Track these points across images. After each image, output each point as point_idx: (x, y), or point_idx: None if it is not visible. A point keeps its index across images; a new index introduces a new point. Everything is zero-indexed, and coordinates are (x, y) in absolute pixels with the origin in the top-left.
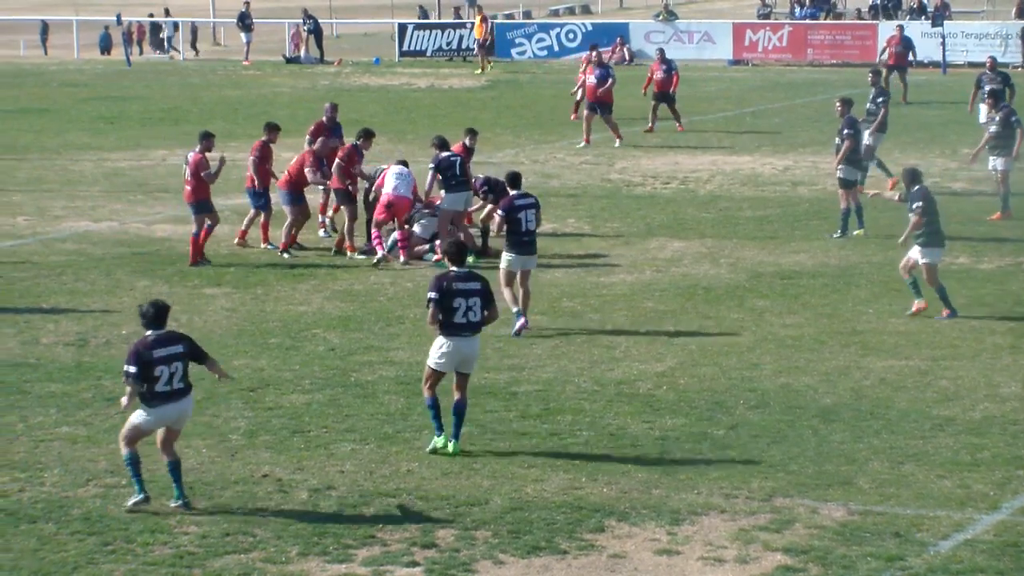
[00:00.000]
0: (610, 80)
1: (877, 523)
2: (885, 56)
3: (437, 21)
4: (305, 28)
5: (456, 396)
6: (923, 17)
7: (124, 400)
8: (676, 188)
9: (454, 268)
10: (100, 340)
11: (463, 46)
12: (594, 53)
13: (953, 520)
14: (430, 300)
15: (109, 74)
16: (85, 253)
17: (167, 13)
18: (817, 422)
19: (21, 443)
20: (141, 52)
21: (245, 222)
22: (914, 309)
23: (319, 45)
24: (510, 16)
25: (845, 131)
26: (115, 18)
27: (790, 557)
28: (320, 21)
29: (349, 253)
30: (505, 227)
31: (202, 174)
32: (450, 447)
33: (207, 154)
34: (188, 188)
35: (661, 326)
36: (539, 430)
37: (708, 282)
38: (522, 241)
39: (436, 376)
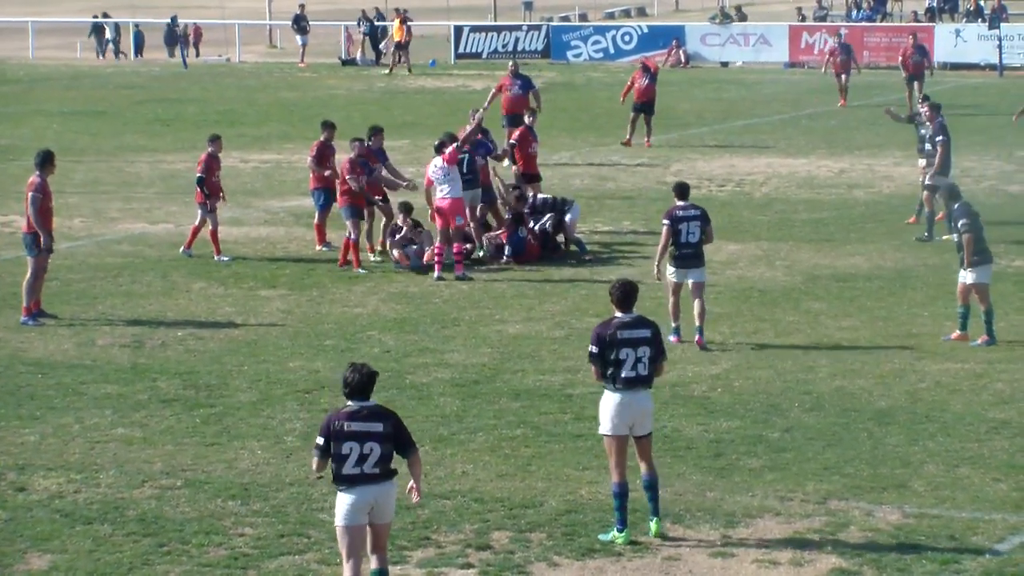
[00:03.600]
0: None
1: (932, 526)
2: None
3: (493, 23)
4: (361, 30)
5: (643, 469)
6: (979, 19)
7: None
8: (731, 191)
9: (619, 313)
10: (156, 342)
11: (519, 48)
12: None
13: (1009, 523)
14: (591, 356)
15: (165, 76)
16: (141, 255)
17: (105, 15)
18: (872, 425)
19: (77, 444)
20: (198, 54)
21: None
22: (953, 336)
23: (375, 47)
24: (565, 19)
25: (939, 138)
26: (170, 20)
27: (845, 560)
28: (376, 24)
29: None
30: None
31: (348, 178)
32: (652, 527)
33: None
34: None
35: (716, 328)
36: (594, 432)
37: (763, 284)
38: (682, 253)
39: (619, 445)
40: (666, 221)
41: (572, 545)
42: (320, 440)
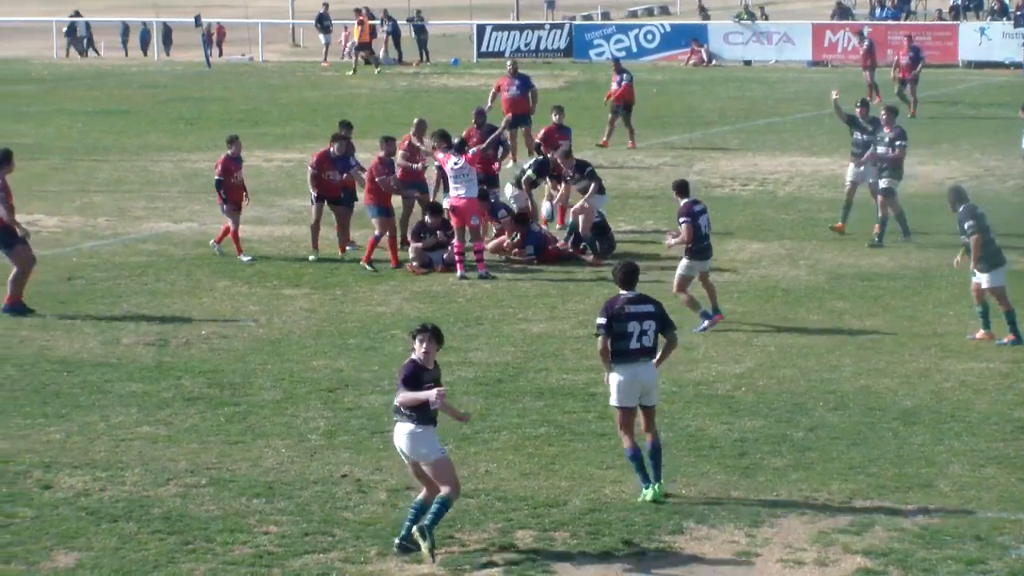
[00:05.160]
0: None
1: (958, 526)
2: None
3: (515, 22)
4: (384, 29)
5: (647, 438)
6: (1005, 18)
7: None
8: (755, 190)
9: (623, 291)
10: (180, 340)
11: (542, 47)
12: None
13: None
14: (599, 328)
15: (189, 75)
16: (165, 254)
17: (78, 14)
18: (897, 424)
19: (102, 442)
20: (221, 54)
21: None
22: (978, 336)
23: (397, 46)
24: (588, 17)
25: (900, 142)
26: (194, 20)
27: (870, 560)
28: (399, 23)
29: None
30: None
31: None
32: (653, 490)
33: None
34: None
35: (740, 328)
36: (617, 431)
37: (787, 284)
38: (703, 247)
39: (628, 416)
40: (687, 218)
41: (596, 544)
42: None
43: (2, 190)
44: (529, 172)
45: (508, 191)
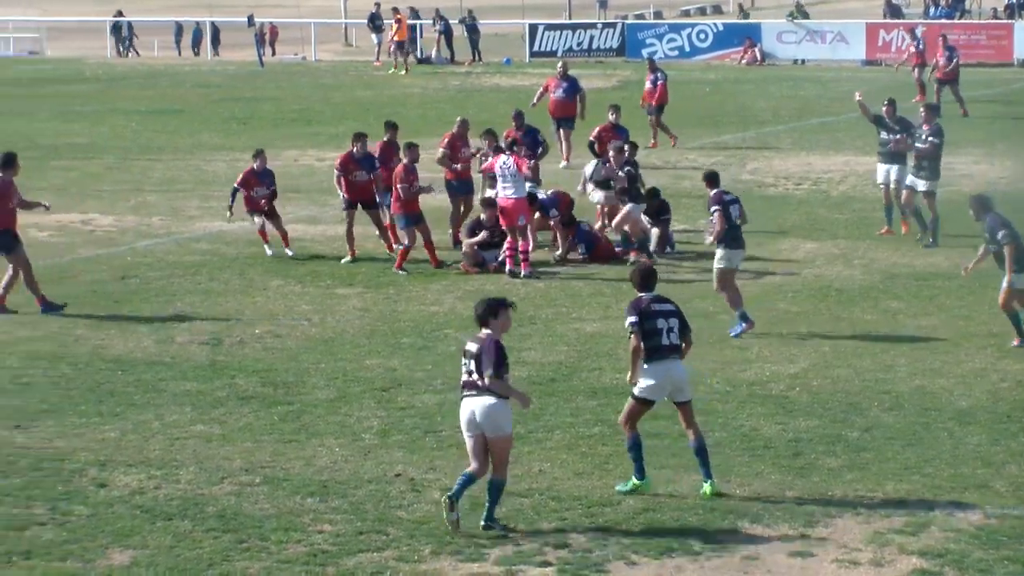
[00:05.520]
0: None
1: (1015, 527)
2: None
3: (568, 21)
4: (436, 29)
5: (690, 436)
6: None
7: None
8: (808, 189)
9: (643, 293)
10: (234, 339)
11: (594, 46)
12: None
13: None
14: (631, 325)
15: (242, 75)
16: (218, 253)
17: (120, 14)
18: (953, 424)
19: (157, 441)
20: (274, 53)
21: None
22: (1015, 343)
23: (449, 46)
24: (640, 16)
25: (936, 140)
26: (247, 19)
27: (926, 560)
28: (451, 22)
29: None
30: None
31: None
32: (706, 489)
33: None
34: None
35: (794, 327)
36: (671, 430)
37: (841, 283)
38: (736, 235)
39: (641, 408)
40: (717, 207)
41: (650, 544)
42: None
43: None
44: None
45: (596, 196)
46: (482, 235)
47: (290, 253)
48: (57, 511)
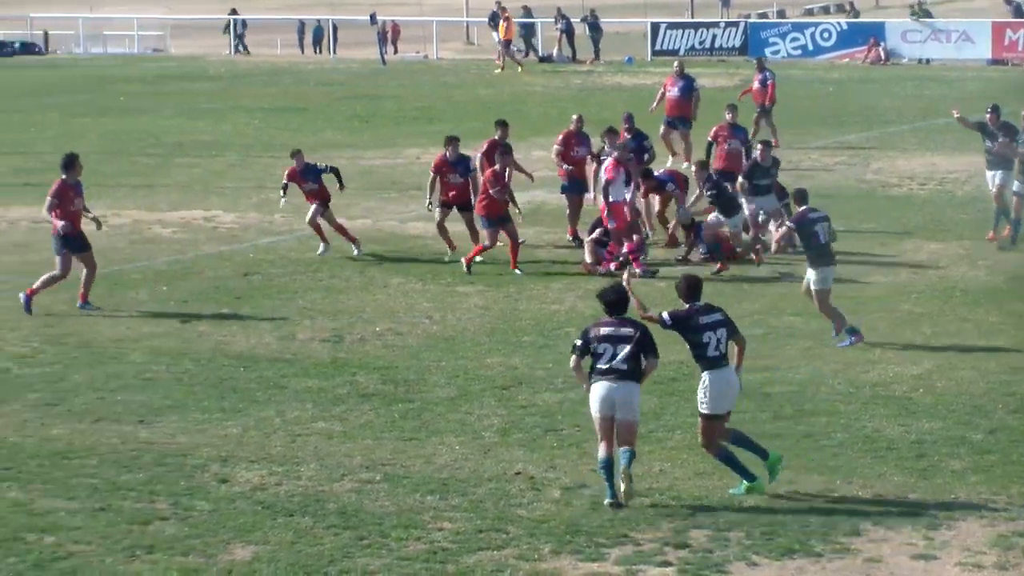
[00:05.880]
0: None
1: None
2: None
3: (690, 20)
4: (558, 28)
5: (728, 437)
6: None
7: None
8: (933, 189)
9: (688, 303)
10: (355, 337)
11: (716, 45)
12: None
13: None
14: (665, 322)
15: (364, 73)
16: (340, 250)
17: (235, 12)
18: None
19: (278, 437)
20: (396, 51)
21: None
22: None
23: (571, 44)
24: (763, 15)
25: None
26: (369, 18)
27: None
28: (573, 21)
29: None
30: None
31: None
32: (773, 456)
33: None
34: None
35: (917, 328)
36: (793, 431)
37: (966, 284)
38: (821, 253)
39: (715, 425)
40: (794, 224)
41: (771, 545)
42: (578, 342)
43: (58, 195)
44: (741, 179)
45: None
46: (597, 232)
47: (357, 253)
48: (180, 506)
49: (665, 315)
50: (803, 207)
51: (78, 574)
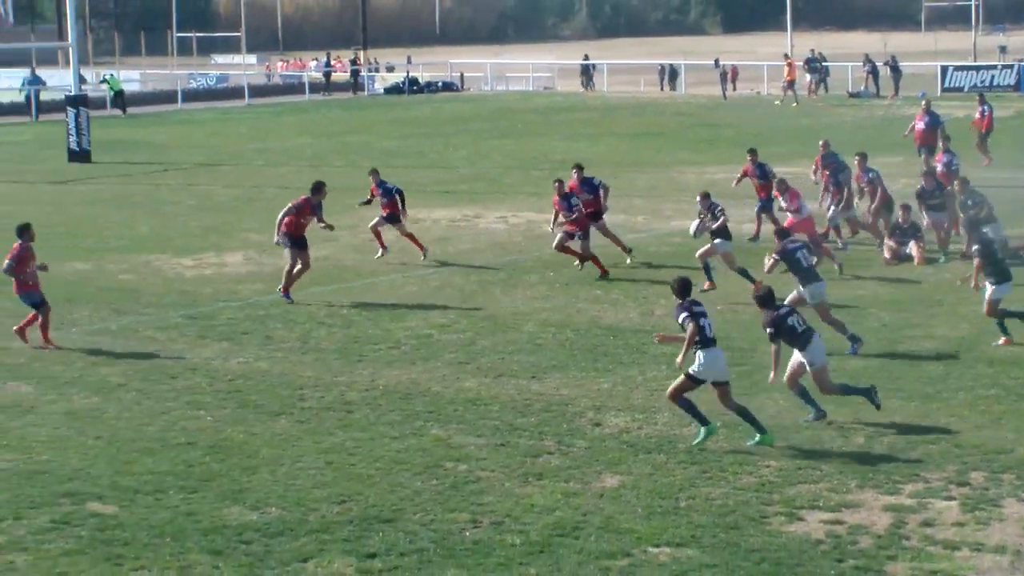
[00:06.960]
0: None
1: None
2: None
3: (973, 63)
4: (865, 69)
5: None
6: None
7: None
8: None
9: (681, 299)
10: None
11: (993, 83)
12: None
13: None
14: (685, 320)
15: (709, 106)
16: (687, 244)
17: (587, 57)
18: None
19: (639, 392)
20: (734, 89)
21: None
22: None
23: (876, 82)
24: None
25: None
26: (713, 62)
27: None
28: (877, 64)
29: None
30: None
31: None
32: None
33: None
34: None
35: None
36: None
37: None
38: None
39: (691, 385)
40: (776, 256)
41: None
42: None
43: (297, 210)
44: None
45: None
46: (902, 235)
47: (422, 258)
48: (563, 443)
49: (682, 316)
50: (784, 240)
51: (485, 494)
